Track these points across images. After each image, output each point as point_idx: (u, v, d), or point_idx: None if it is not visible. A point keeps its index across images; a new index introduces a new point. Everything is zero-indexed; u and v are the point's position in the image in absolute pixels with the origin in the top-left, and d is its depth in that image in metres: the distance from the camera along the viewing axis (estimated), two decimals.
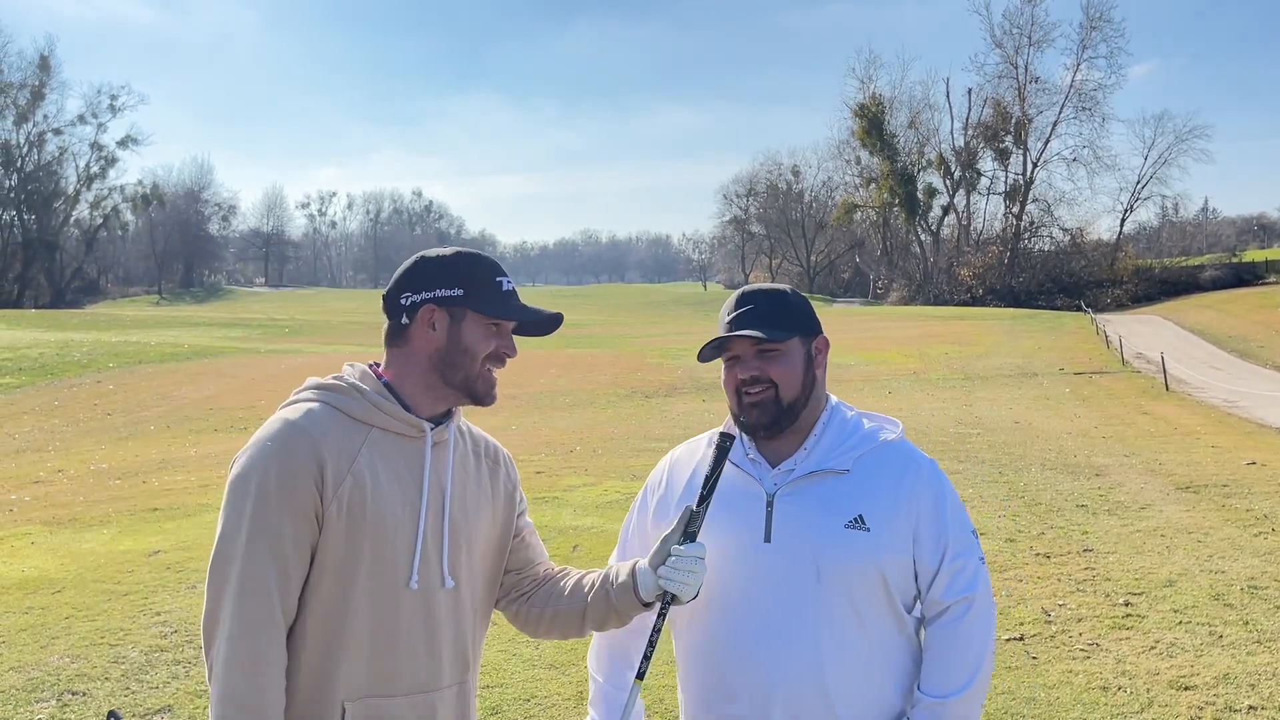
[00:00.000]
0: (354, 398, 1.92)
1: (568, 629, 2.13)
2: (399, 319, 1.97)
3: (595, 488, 10.95)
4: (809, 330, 2.13)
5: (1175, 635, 5.77)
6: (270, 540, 1.79)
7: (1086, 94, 72.20)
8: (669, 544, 1.99)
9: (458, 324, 1.95)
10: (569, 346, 36.22)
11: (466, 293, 1.94)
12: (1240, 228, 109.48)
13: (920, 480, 2.08)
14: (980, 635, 2.03)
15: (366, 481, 1.85)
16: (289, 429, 1.85)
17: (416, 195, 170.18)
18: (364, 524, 1.84)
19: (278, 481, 1.80)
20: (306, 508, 1.81)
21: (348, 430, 1.89)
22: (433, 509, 1.93)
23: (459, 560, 1.96)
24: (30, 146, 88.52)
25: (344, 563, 1.84)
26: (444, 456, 1.98)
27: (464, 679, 2.00)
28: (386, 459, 1.90)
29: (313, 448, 1.83)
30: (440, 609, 1.93)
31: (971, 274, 70.19)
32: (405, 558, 1.88)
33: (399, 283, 1.98)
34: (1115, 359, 28.89)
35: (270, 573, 1.79)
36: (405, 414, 1.93)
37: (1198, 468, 11.57)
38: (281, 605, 1.81)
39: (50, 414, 22.34)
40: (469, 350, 1.95)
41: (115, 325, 46.60)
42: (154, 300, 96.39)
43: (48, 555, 8.46)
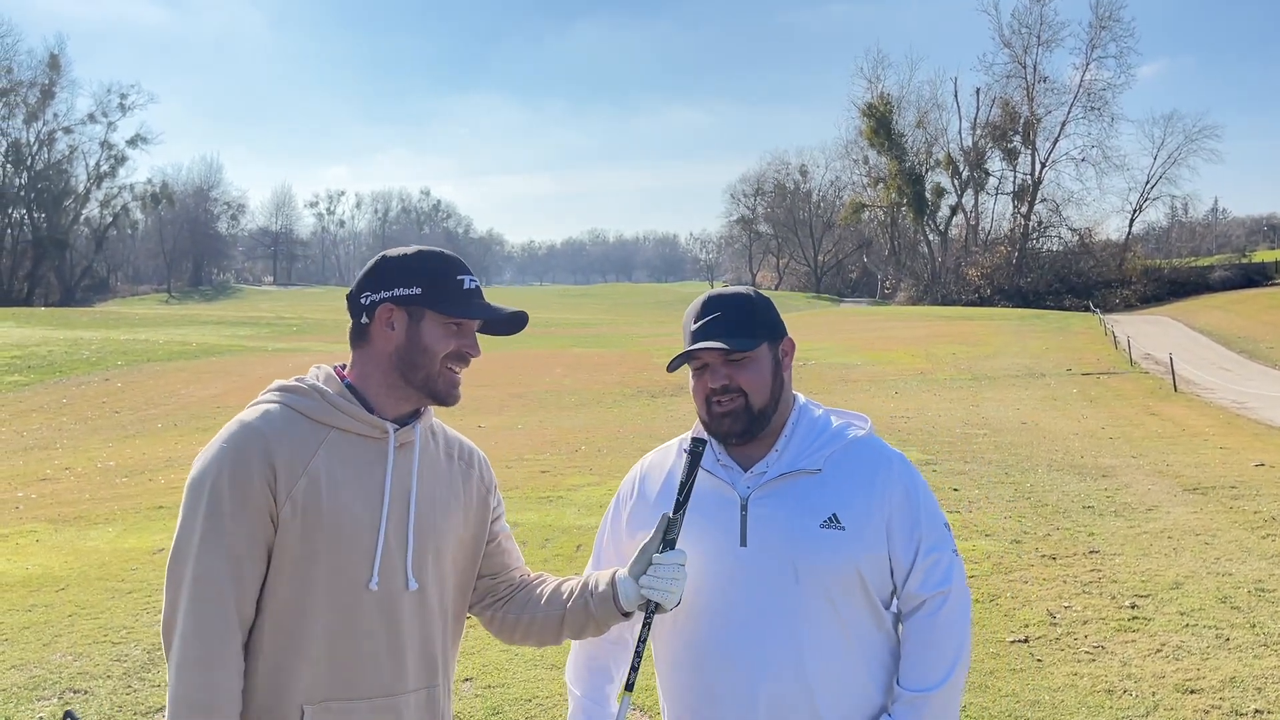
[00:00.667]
0: (313, 399, 1.91)
1: (544, 637, 2.12)
2: (360, 318, 1.96)
3: (599, 487, 10.93)
4: (775, 334, 2.12)
5: (1181, 638, 5.73)
6: (224, 541, 1.79)
7: (1095, 94, 72.03)
8: (649, 552, 1.99)
9: (416, 323, 1.94)
10: (575, 346, 36.23)
11: (425, 291, 1.93)
12: (1250, 228, 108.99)
13: (891, 476, 2.08)
14: (957, 628, 2.04)
15: (322, 481, 1.84)
16: (243, 430, 1.85)
17: (424, 194, 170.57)
18: (320, 524, 1.83)
19: (230, 482, 1.80)
20: (260, 507, 1.80)
21: (305, 431, 1.87)
22: (396, 510, 1.91)
23: (425, 562, 1.93)
24: (40, 145, 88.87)
25: (300, 563, 1.83)
26: (409, 457, 1.96)
27: (433, 683, 1.97)
28: (346, 460, 1.88)
29: (265, 448, 1.82)
30: (404, 612, 1.90)
31: (979, 274, 70.03)
32: (365, 558, 1.86)
33: (360, 282, 1.98)
34: (1123, 360, 28.78)
35: (224, 574, 1.78)
36: (366, 415, 1.92)
37: (1206, 469, 11.50)
38: (237, 606, 1.79)
39: (58, 412, 22.41)
40: (428, 349, 1.93)
41: (124, 324, 46.74)
42: (163, 299, 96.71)
43: (52, 553, 8.48)
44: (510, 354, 30.65)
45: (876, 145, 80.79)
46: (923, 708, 1.99)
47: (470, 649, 5.67)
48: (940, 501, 2.20)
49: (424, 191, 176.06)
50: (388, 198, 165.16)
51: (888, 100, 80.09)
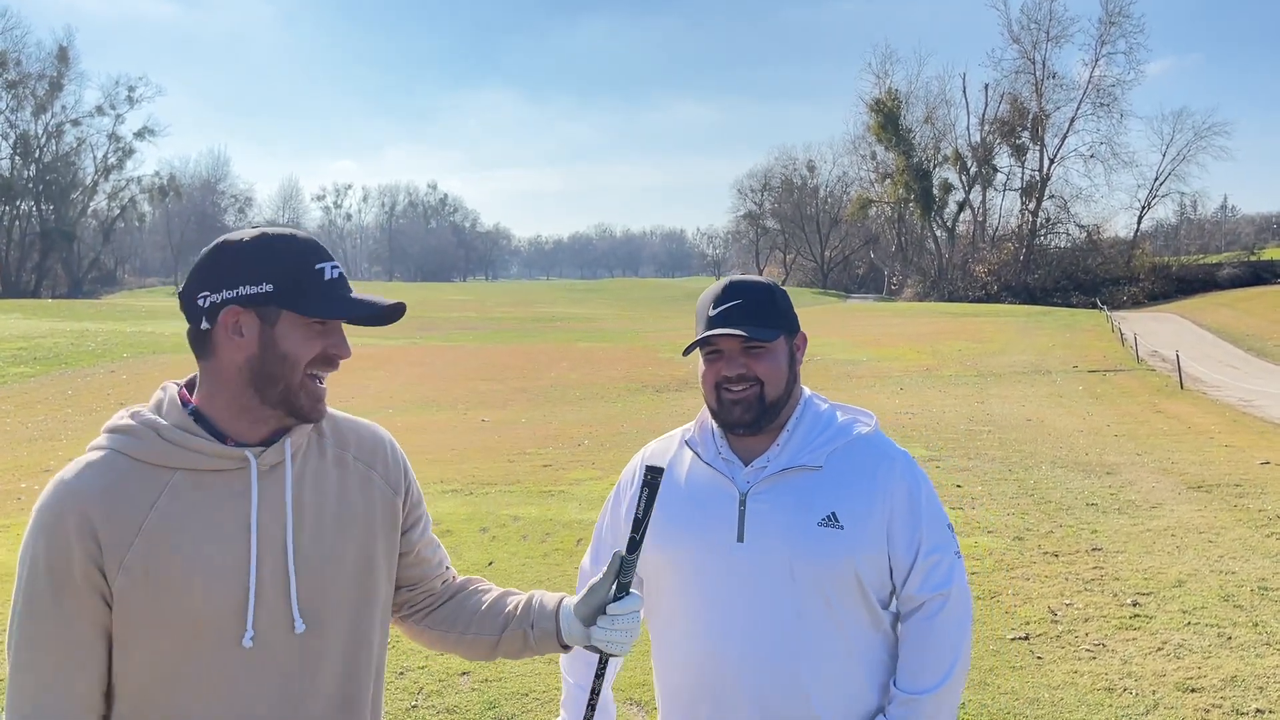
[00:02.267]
0: (147, 439, 1.62)
1: (474, 654, 1.93)
2: (198, 323, 1.65)
3: (602, 481, 10.91)
4: (792, 327, 2.09)
5: (1183, 636, 5.69)
6: (42, 629, 1.56)
7: (1104, 90, 71.77)
8: (597, 596, 1.80)
9: (270, 326, 1.62)
10: (581, 340, 36.24)
11: (278, 287, 1.61)
12: (1259, 226, 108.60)
13: (894, 475, 2.04)
14: (956, 631, 2.00)
15: (165, 539, 1.57)
16: (58, 494, 1.58)
17: (432, 188, 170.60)
18: (167, 588, 1.56)
19: (46, 561, 1.55)
20: (83, 588, 1.55)
21: (138, 481, 1.60)
22: (270, 549, 1.63)
23: (320, 597, 1.67)
24: (48, 137, 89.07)
25: (151, 636, 1.57)
26: (278, 482, 1.66)
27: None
28: (196, 505, 1.60)
29: (83, 516, 1.55)
30: (299, 658, 1.65)
31: (986, 270, 69.88)
32: (235, 614, 1.59)
33: (195, 278, 1.65)
34: (1130, 357, 28.67)
35: (44, 664, 1.56)
36: (216, 446, 1.62)
37: (1210, 467, 11.45)
38: (66, 697, 1.57)
39: (64, 403, 22.46)
40: (288, 357, 1.63)
41: (130, 316, 46.85)
42: (170, 291, 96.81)
43: None
44: (515, 349, 30.66)
45: (884, 141, 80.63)
46: (917, 710, 1.96)
47: None
48: (943, 498, 2.17)
49: (431, 185, 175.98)
50: (395, 191, 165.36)
51: (896, 96, 79.93)
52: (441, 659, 5.39)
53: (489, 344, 35.61)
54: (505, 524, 8.91)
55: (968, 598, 2.05)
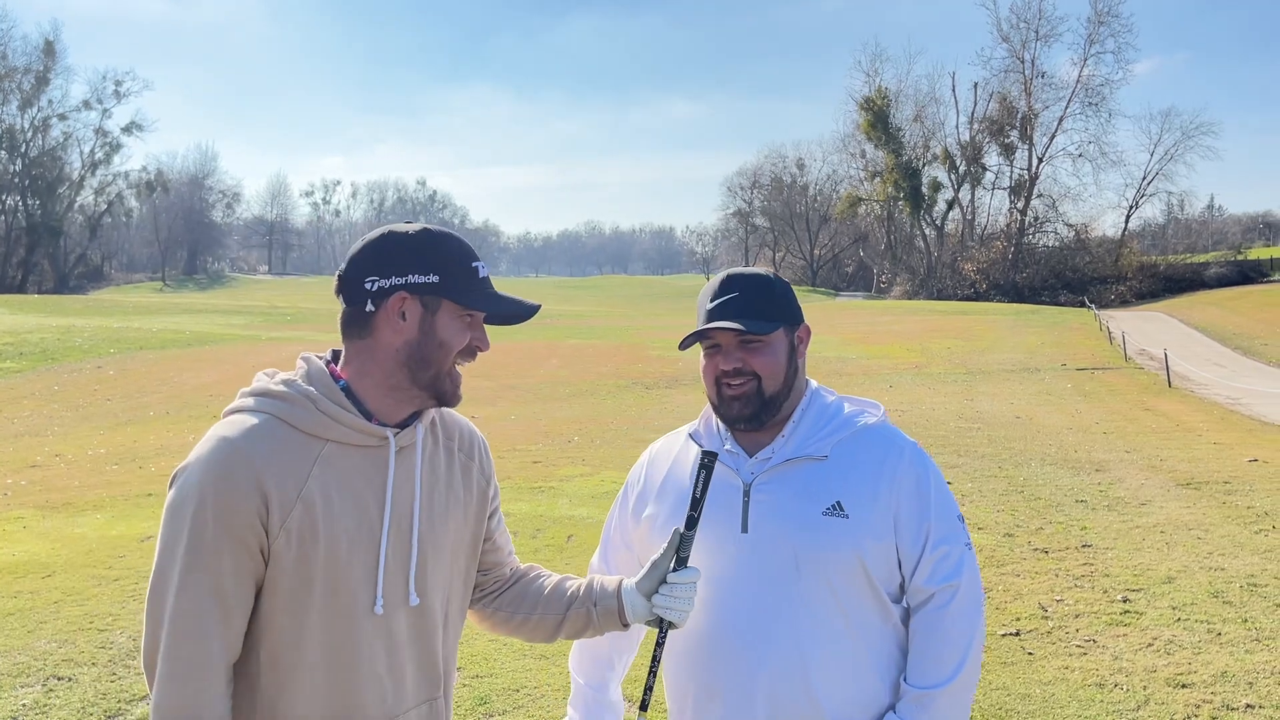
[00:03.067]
0: (305, 409, 1.70)
1: (537, 635, 2.03)
2: (362, 305, 1.73)
3: (592, 478, 10.90)
4: (793, 319, 2.06)
5: (1173, 632, 5.71)
6: (207, 576, 1.62)
7: (1093, 89, 71.98)
8: (660, 569, 1.91)
9: (432, 314, 1.73)
10: (571, 337, 36.18)
11: (442, 279, 1.73)
12: (1246, 225, 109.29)
13: (901, 464, 2.00)
14: (966, 624, 1.96)
15: (318, 506, 1.67)
16: (229, 452, 1.64)
17: (420, 185, 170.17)
18: (316, 553, 1.66)
19: (215, 513, 1.61)
20: (249, 542, 1.63)
21: (297, 448, 1.68)
22: (398, 525, 1.75)
23: (427, 575, 1.79)
24: (35, 131, 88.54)
25: (295, 594, 1.67)
26: (410, 463, 1.78)
27: (434, 695, 1.84)
28: (343, 476, 1.70)
29: (255, 476, 1.63)
30: (404, 629, 1.77)
31: (975, 269, 70.04)
32: (366, 583, 1.71)
33: (362, 263, 1.74)
34: (1118, 355, 28.78)
35: (208, 610, 1.62)
36: (366, 424, 1.73)
37: (1199, 464, 11.49)
38: (223, 643, 1.64)
39: (50, 399, 22.31)
40: (444, 344, 1.75)
41: (118, 311, 46.59)
42: (157, 287, 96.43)
43: (39, 540, 8.42)
44: (506, 345, 30.59)
45: (874, 139, 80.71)
46: (929, 705, 1.91)
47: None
48: None
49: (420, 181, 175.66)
50: (384, 187, 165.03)
51: (885, 94, 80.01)
52: None
53: None
54: None
55: (979, 590, 2.00)
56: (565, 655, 5.32)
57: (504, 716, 4.68)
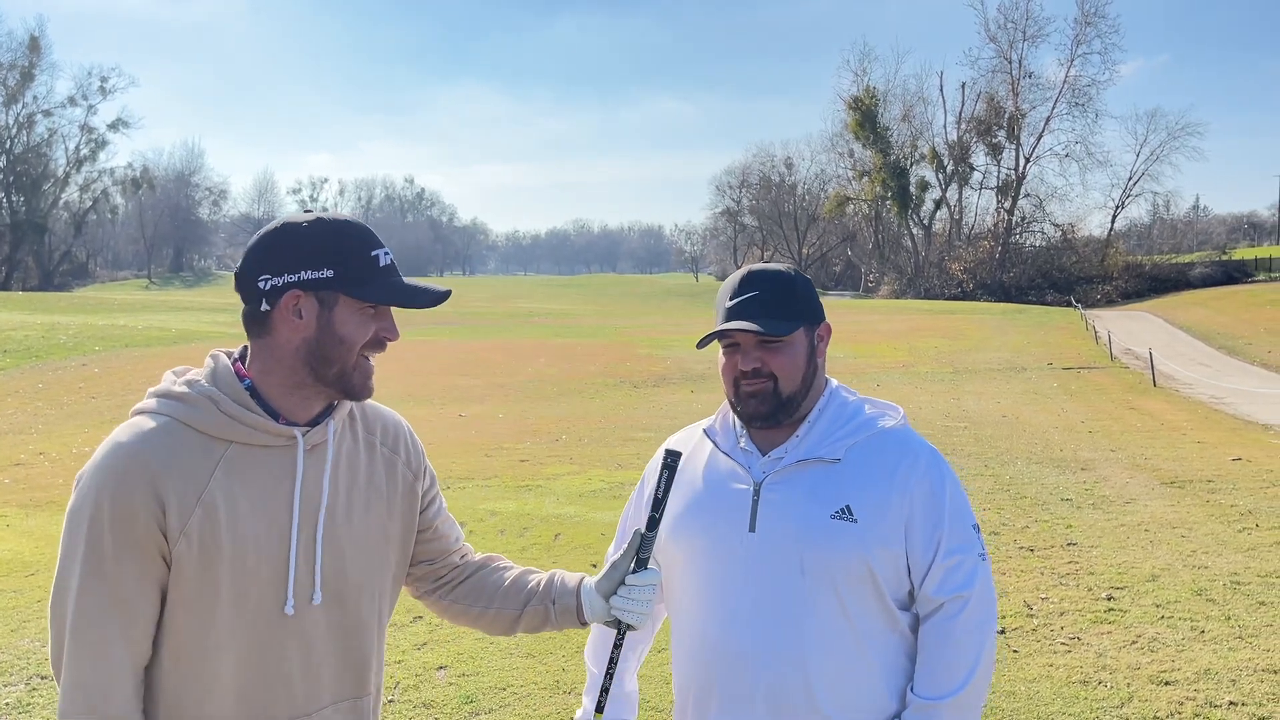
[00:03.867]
0: (206, 410, 1.67)
1: (494, 628, 2.03)
2: (257, 305, 1.70)
3: (579, 476, 10.89)
4: (814, 318, 2.04)
5: (1157, 630, 5.74)
6: (105, 584, 1.60)
7: (1080, 89, 72.20)
8: (619, 570, 1.92)
9: (329, 310, 1.69)
10: (559, 336, 36.15)
11: (338, 273, 1.68)
12: (1230, 226, 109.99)
13: (916, 470, 1.96)
14: (977, 635, 1.92)
15: (220, 510, 1.64)
16: (124, 457, 1.62)
17: (408, 182, 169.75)
18: (219, 556, 1.64)
19: (111, 520, 1.59)
20: (147, 548, 1.61)
21: (198, 451, 1.65)
22: (307, 525, 1.72)
23: (340, 572, 1.76)
24: (19, 128, 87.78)
25: (200, 598, 1.65)
26: (320, 462, 1.75)
27: (357, 694, 1.82)
28: (247, 478, 1.67)
29: (150, 481, 1.60)
30: (317, 628, 1.74)
31: (962, 268, 70.24)
32: (276, 584, 1.69)
33: (254, 260, 1.70)
34: (1104, 355, 28.92)
35: (109, 617, 1.61)
36: (272, 424, 1.69)
37: (1183, 463, 11.56)
38: (126, 647, 1.63)
39: (34, 397, 22.17)
40: (345, 340, 1.70)
41: (103, 309, 46.33)
42: (143, 284, 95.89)
43: (23, 538, 8.37)
44: (493, 344, 30.55)
45: (862, 139, 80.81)
46: (934, 717, 1.89)
47: (445, 637, 5.62)
48: None
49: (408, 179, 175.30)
50: (371, 185, 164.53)
51: (873, 94, 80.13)
52: (418, 653, 5.35)
53: (466, 339, 35.44)
54: (482, 519, 8.87)
55: (992, 602, 1.96)
56: (553, 654, 5.33)
57: (490, 715, 4.67)
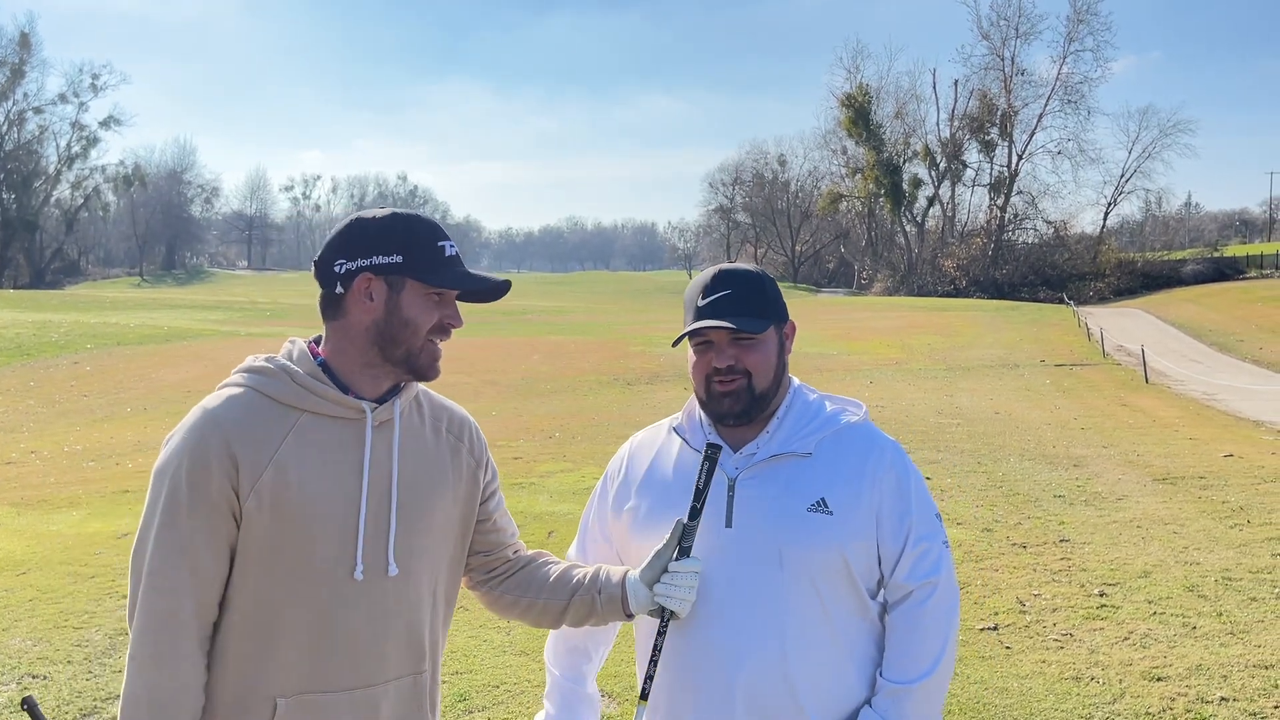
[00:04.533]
0: (281, 381, 1.80)
1: (543, 620, 2.07)
2: (333, 288, 1.83)
3: (573, 474, 10.88)
4: (782, 317, 2.09)
5: (1149, 626, 5.76)
6: (179, 537, 1.71)
7: (1072, 87, 72.29)
8: (663, 559, 1.95)
9: (397, 294, 1.81)
10: (552, 333, 36.11)
11: (406, 259, 1.80)
12: (1222, 223, 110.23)
13: (884, 463, 2.03)
14: (944, 620, 1.99)
15: (291, 472, 1.74)
16: (204, 419, 1.75)
17: (401, 180, 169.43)
18: (289, 515, 1.74)
19: (188, 477, 1.71)
20: (219, 504, 1.72)
21: (272, 417, 1.77)
22: (376, 494, 1.81)
23: (410, 546, 1.84)
24: (10, 125, 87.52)
25: (269, 557, 1.74)
26: (388, 437, 1.85)
27: (418, 670, 1.88)
28: (318, 445, 1.78)
29: (225, 439, 1.72)
30: (386, 599, 1.82)
31: (955, 265, 70.33)
32: (345, 548, 1.77)
33: (332, 247, 1.84)
34: (1096, 351, 28.99)
35: (179, 570, 1.71)
36: (340, 396, 1.80)
37: (1175, 459, 11.59)
38: (195, 602, 1.72)
39: (26, 395, 22.08)
40: (410, 322, 1.82)
41: (95, 306, 46.15)
42: (135, 282, 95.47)
43: (14, 537, 8.34)
44: (486, 341, 30.51)
45: (855, 136, 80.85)
46: (904, 700, 1.94)
47: None
48: None
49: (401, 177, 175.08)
50: (364, 182, 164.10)
51: (866, 91, 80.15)
52: None
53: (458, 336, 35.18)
54: None
55: (955, 587, 2.04)
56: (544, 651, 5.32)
57: (484, 712, 4.67)
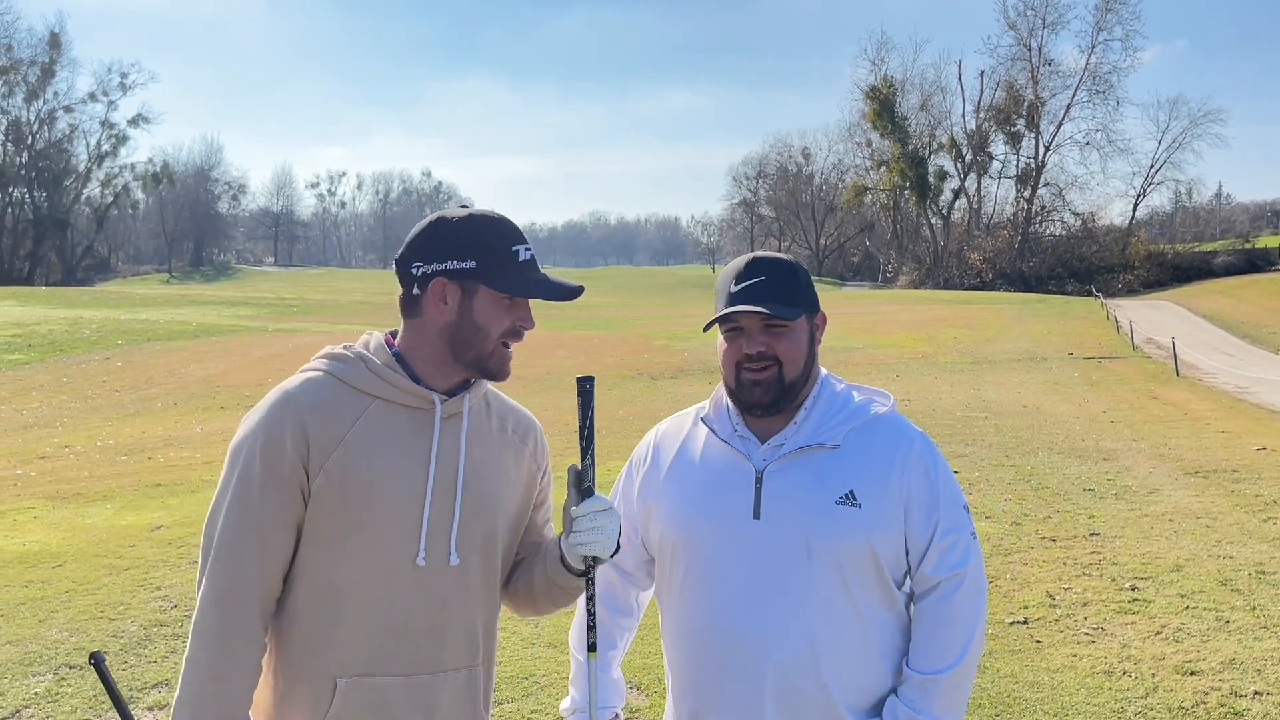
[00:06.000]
0: (356, 367, 1.85)
1: (529, 608, 2.06)
2: (410, 289, 1.87)
3: (598, 468, 10.90)
4: (814, 307, 2.07)
5: (1182, 620, 5.71)
6: (250, 511, 1.76)
7: (1100, 77, 71.75)
8: (566, 510, 1.92)
9: (470, 299, 1.84)
10: (577, 328, 36.18)
11: (479, 265, 1.82)
12: (1254, 214, 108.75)
13: (912, 454, 2.02)
14: (971, 611, 1.98)
15: (359, 453, 1.78)
16: (281, 399, 1.81)
17: (426, 175, 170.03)
18: (357, 495, 1.77)
19: (262, 452, 1.76)
20: (290, 480, 1.76)
21: (345, 400, 1.82)
22: (443, 483, 1.84)
23: (472, 538, 1.86)
24: (41, 124, 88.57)
25: (335, 536, 1.78)
26: (456, 429, 1.88)
27: (473, 663, 1.89)
28: (388, 431, 1.82)
29: (299, 418, 1.77)
30: (446, 588, 1.83)
31: (981, 258, 69.88)
32: (409, 533, 1.80)
33: (411, 248, 1.87)
34: (1125, 344, 28.71)
35: (248, 544, 1.75)
36: (412, 385, 1.84)
37: (1207, 453, 11.47)
38: (260, 575, 1.76)
39: (59, 390, 22.38)
40: (482, 328, 1.85)
41: (125, 303, 46.68)
42: (164, 279, 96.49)
43: (50, 530, 8.47)
44: None
45: (879, 128, 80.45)
46: (931, 690, 1.93)
47: None
48: None
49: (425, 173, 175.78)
50: (389, 179, 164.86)
51: (891, 83, 79.71)
52: None
53: None
54: None
55: (983, 579, 2.02)
56: None
57: (513, 704, 4.70)
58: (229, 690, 1.72)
